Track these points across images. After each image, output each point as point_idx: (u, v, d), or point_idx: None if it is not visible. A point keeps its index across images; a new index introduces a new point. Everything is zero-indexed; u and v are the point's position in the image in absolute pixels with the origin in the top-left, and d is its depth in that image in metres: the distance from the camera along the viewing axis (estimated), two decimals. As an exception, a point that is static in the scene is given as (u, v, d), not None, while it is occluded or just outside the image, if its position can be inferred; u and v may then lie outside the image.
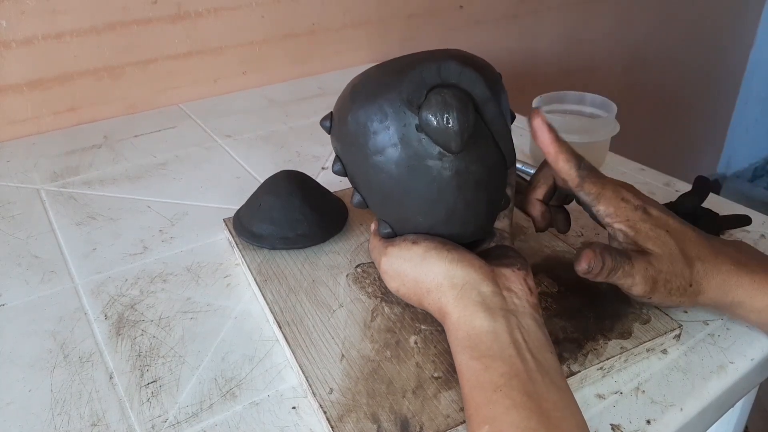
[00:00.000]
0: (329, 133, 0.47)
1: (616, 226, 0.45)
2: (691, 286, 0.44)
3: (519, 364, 0.36)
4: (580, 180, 0.45)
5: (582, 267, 0.42)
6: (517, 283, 0.41)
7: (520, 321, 0.39)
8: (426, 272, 0.42)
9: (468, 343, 0.38)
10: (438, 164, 0.41)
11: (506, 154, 0.44)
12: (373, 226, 0.49)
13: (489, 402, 0.35)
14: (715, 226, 0.59)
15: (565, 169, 0.45)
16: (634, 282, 0.43)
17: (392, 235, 0.46)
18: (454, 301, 0.40)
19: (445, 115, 0.40)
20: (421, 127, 0.41)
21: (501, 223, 0.47)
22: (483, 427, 0.34)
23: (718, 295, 0.45)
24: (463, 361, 0.38)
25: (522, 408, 0.34)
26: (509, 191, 0.48)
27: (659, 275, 0.43)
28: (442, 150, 0.41)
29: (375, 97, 0.42)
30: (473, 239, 0.46)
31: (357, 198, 0.47)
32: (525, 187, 0.52)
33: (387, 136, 0.41)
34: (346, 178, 0.47)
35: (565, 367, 0.43)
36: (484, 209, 0.45)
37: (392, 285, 0.44)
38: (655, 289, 0.43)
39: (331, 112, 0.47)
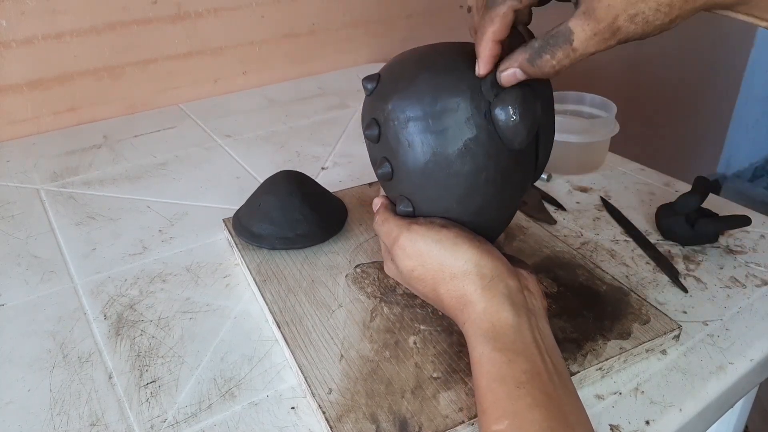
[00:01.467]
0: (370, 95, 0.44)
1: None
2: None
3: (540, 364, 0.36)
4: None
5: (507, 82, 0.38)
6: (533, 284, 0.42)
7: (538, 322, 0.39)
8: (456, 257, 0.40)
9: (492, 334, 0.37)
10: (492, 155, 0.41)
11: (540, 165, 0.44)
12: (380, 201, 0.46)
13: (510, 397, 0.35)
14: (714, 226, 0.59)
15: None
16: (585, 46, 0.36)
17: (412, 214, 0.44)
18: (482, 291, 0.39)
19: (520, 112, 0.39)
20: (491, 116, 0.40)
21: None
22: (503, 422, 0.34)
23: None
24: (485, 352, 0.37)
25: (543, 407, 0.34)
26: None
27: (614, 11, 0.34)
28: (500, 143, 0.40)
29: (452, 70, 0.40)
30: (490, 237, 0.46)
31: (386, 168, 0.43)
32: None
33: (453, 114, 0.40)
34: (376, 145, 0.44)
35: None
36: (508, 212, 0.46)
37: (407, 263, 0.42)
38: (619, 32, 0.35)
39: (379, 74, 0.44)
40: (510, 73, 0.38)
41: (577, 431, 0.35)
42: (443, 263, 0.40)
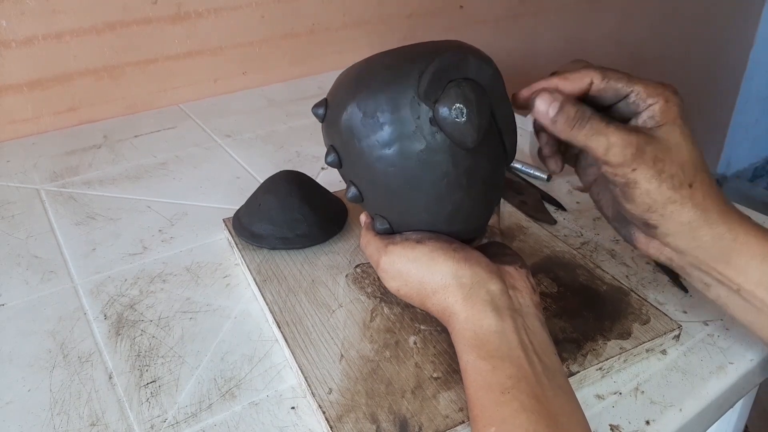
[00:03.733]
0: (322, 122, 0.44)
1: (653, 102, 0.40)
2: (690, 186, 0.39)
3: (527, 366, 0.36)
4: (602, 74, 0.41)
5: (540, 109, 0.40)
6: (521, 281, 0.41)
7: (526, 321, 0.39)
8: (433, 273, 0.40)
9: (475, 342, 0.37)
10: (449, 160, 0.40)
11: (509, 152, 0.44)
12: (364, 220, 0.47)
13: (497, 404, 0.35)
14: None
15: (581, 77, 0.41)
16: (609, 143, 0.38)
17: (390, 231, 0.44)
18: (462, 301, 0.39)
19: (464, 111, 0.38)
20: (436, 121, 0.39)
21: (491, 219, 0.47)
22: (490, 429, 0.34)
23: (712, 217, 0.40)
24: (469, 360, 0.37)
25: (531, 411, 0.34)
26: None
27: (649, 147, 0.38)
28: (454, 145, 0.40)
29: (386, 86, 0.40)
30: (472, 237, 0.46)
31: (353, 191, 0.44)
32: (522, 185, 0.51)
33: (398, 129, 0.39)
34: (341, 170, 0.44)
35: (564, 368, 0.43)
36: (486, 206, 0.45)
37: (392, 285, 0.43)
38: (640, 160, 0.38)
39: (326, 99, 0.44)
40: (545, 101, 0.40)
41: (568, 431, 0.34)
42: (422, 281, 0.41)
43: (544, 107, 0.39)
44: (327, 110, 0.43)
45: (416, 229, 0.43)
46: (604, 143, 0.38)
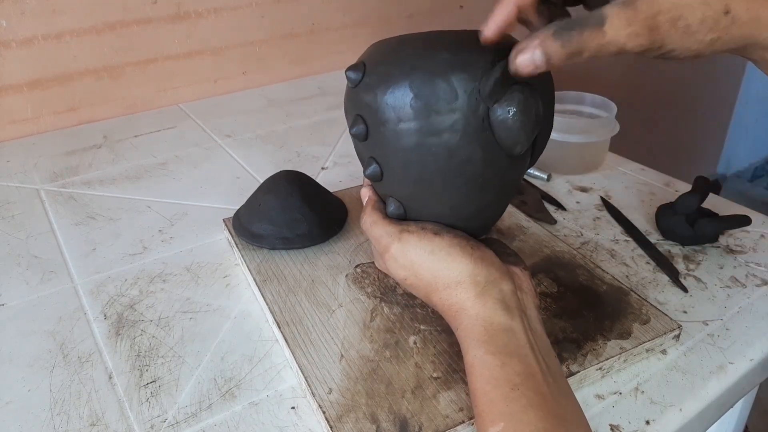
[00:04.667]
0: (355, 86, 0.40)
1: None
2: (727, 13, 0.32)
3: (534, 365, 0.36)
4: None
5: (528, 70, 0.33)
6: (526, 283, 0.41)
7: (530, 323, 0.39)
8: (449, 268, 0.39)
9: (485, 337, 0.37)
10: (490, 161, 0.39)
11: (535, 156, 0.43)
12: (369, 197, 0.45)
13: (505, 399, 0.35)
14: (714, 226, 0.59)
15: None
16: (617, 35, 0.32)
17: (403, 217, 0.42)
18: (475, 298, 0.39)
19: (521, 120, 0.37)
20: (490, 122, 0.37)
21: None
22: (498, 424, 0.34)
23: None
24: (477, 355, 0.37)
25: (538, 408, 0.34)
26: None
27: (657, 8, 0.32)
28: (498, 147, 0.38)
29: (446, 74, 0.37)
30: (483, 234, 0.45)
31: (374, 168, 0.41)
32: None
33: (450, 120, 0.37)
34: (363, 143, 0.41)
35: (564, 368, 0.43)
36: (503, 209, 0.45)
37: (400, 273, 0.41)
38: (659, 31, 0.32)
39: (363, 62, 0.40)
40: (527, 58, 0.33)
41: (573, 431, 0.34)
42: (437, 274, 0.40)
43: (530, 65, 0.33)
44: (364, 75, 0.40)
45: (431, 220, 0.42)
46: (614, 43, 0.32)
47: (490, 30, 0.36)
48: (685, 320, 0.50)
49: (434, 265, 0.40)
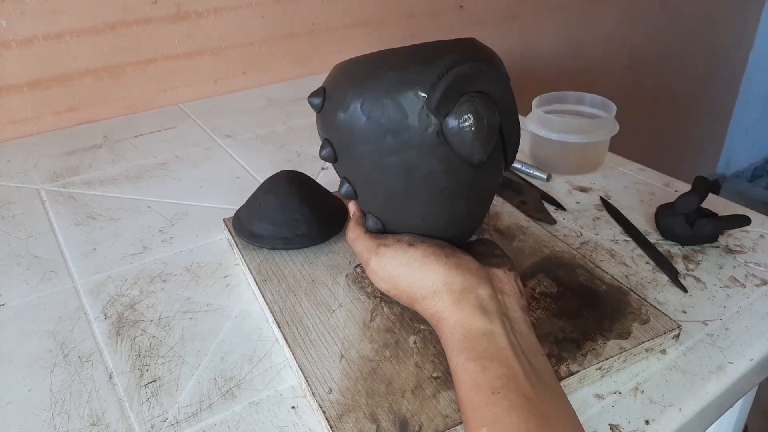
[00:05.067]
0: (318, 112, 0.42)
1: None
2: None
3: (516, 366, 0.36)
4: None
5: None
6: (509, 285, 0.41)
7: (513, 324, 0.39)
8: (423, 278, 0.40)
9: (465, 344, 0.38)
10: (452, 173, 0.39)
11: (509, 161, 0.43)
12: (354, 211, 0.46)
13: (487, 404, 0.35)
14: (713, 226, 0.59)
15: None
16: None
17: (382, 230, 0.44)
18: (451, 306, 0.39)
19: (474, 128, 0.37)
20: (443, 134, 0.37)
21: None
22: (482, 429, 0.34)
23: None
24: (459, 363, 0.37)
25: (521, 409, 0.34)
26: None
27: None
28: (458, 159, 0.38)
29: (394, 92, 0.37)
30: (465, 240, 0.46)
31: (347, 188, 0.43)
32: (522, 185, 0.50)
33: (402, 139, 0.38)
34: (335, 165, 0.43)
35: (564, 368, 0.43)
36: (483, 213, 0.45)
37: (381, 286, 0.43)
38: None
39: (324, 89, 0.41)
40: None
41: (560, 429, 0.34)
42: (412, 285, 0.41)
43: None
44: (324, 101, 0.41)
45: (409, 232, 0.43)
46: None
47: None
48: (684, 320, 0.50)
49: (410, 276, 0.41)
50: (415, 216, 0.42)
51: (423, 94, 0.37)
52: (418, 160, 0.39)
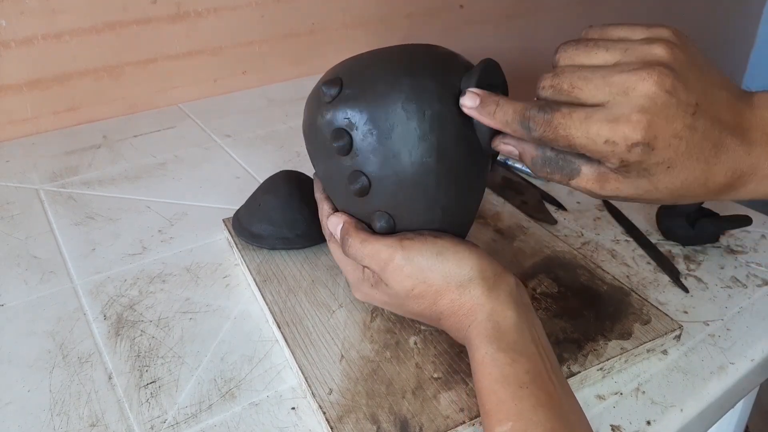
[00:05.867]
0: (331, 101, 0.41)
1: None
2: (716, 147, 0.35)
3: (540, 363, 0.36)
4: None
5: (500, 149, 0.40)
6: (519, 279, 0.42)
7: (533, 319, 0.39)
8: (460, 266, 0.39)
9: (496, 335, 0.37)
10: (477, 162, 0.42)
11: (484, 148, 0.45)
12: (345, 222, 0.43)
13: (514, 398, 0.34)
14: (715, 226, 0.59)
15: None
16: (580, 186, 0.36)
17: (393, 230, 0.42)
18: (488, 293, 0.39)
19: None
20: (472, 120, 0.40)
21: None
22: (506, 423, 0.34)
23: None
24: (488, 353, 0.36)
25: (547, 407, 0.34)
26: None
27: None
28: (480, 147, 0.41)
29: (433, 75, 0.39)
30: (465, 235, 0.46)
31: (362, 182, 0.40)
32: (522, 185, 0.51)
33: (442, 122, 0.39)
34: (344, 158, 0.41)
35: (565, 368, 0.43)
36: (478, 208, 0.47)
37: (405, 284, 0.40)
38: (611, 197, 0.36)
39: (341, 78, 0.41)
40: (506, 150, 0.39)
41: (577, 430, 0.34)
42: (448, 274, 0.39)
43: (506, 153, 0.40)
44: (342, 89, 0.40)
45: (424, 227, 0.42)
46: (577, 189, 0.37)
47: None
48: (685, 320, 0.50)
49: (444, 266, 0.39)
50: (437, 206, 0.41)
51: (459, 76, 0.40)
52: (453, 146, 0.40)
